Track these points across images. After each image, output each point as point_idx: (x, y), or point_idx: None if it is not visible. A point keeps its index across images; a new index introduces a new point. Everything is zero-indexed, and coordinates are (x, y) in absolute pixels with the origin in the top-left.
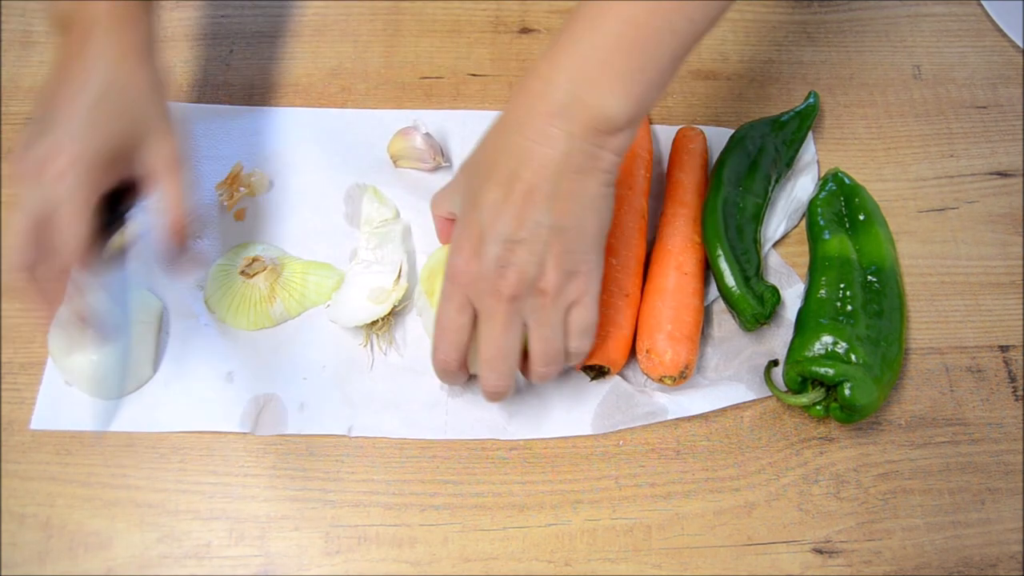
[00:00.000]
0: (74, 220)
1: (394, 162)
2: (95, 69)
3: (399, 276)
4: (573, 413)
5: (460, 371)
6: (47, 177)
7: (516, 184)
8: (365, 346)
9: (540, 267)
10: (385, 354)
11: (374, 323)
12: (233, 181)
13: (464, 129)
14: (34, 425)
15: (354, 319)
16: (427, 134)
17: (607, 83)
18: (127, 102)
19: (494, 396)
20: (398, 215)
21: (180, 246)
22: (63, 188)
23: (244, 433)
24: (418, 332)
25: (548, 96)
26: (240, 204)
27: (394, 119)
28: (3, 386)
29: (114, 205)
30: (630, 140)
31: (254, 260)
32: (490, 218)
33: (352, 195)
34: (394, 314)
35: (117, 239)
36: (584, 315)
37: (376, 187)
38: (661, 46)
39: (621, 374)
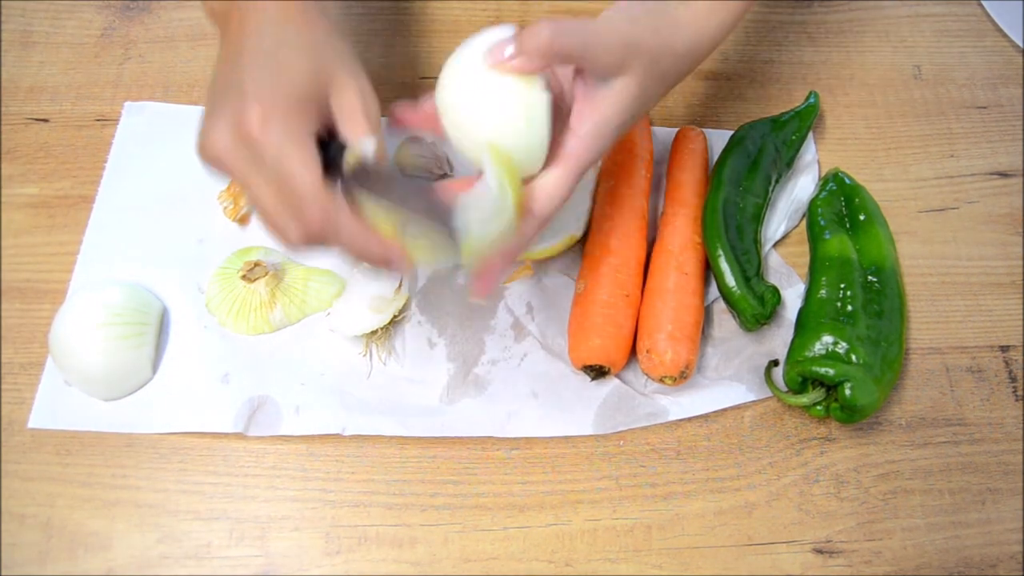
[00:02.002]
0: (302, 167)
1: (401, 171)
2: (262, 32)
3: (400, 286)
4: (574, 414)
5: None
6: (250, 139)
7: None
8: (365, 355)
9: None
10: (384, 364)
11: (374, 332)
12: (237, 191)
13: None
14: (32, 424)
15: (354, 328)
16: (433, 142)
17: None
18: (304, 49)
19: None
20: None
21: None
22: (271, 143)
23: (243, 434)
24: (418, 342)
25: None
26: (244, 210)
27: None
28: (3, 386)
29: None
30: None
31: (256, 265)
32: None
33: None
34: (394, 323)
35: (350, 156)
36: None
37: None
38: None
39: (621, 374)
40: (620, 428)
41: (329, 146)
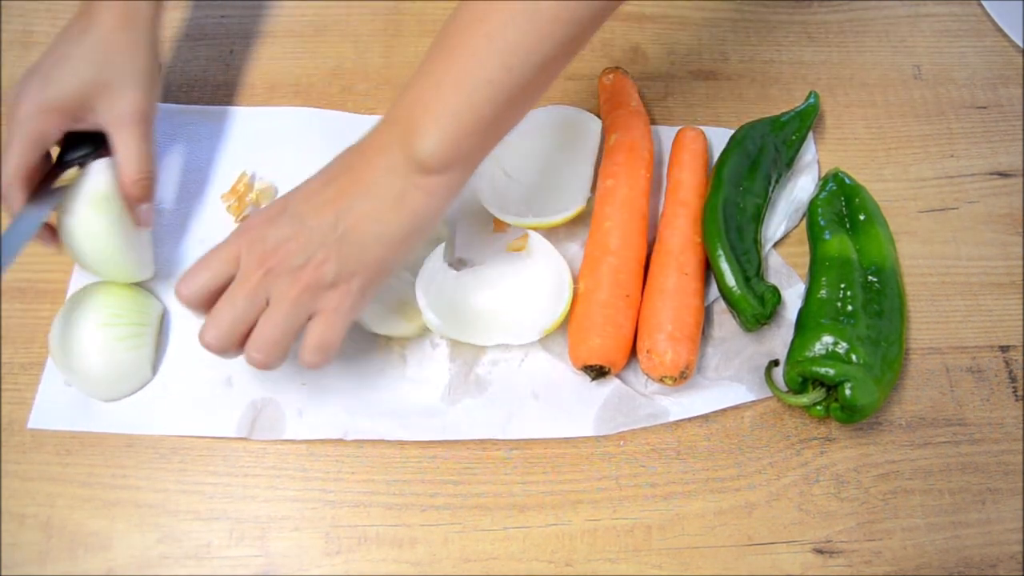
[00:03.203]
0: (14, 153)
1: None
2: (79, 29)
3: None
4: (574, 415)
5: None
6: (16, 116)
7: (328, 191)
8: (382, 353)
9: (308, 260)
10: (405, 366)
11: (393, 336)
12: (240, 192)
13: None
14: (32, 424)
15: (383, 328)
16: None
17: (424, 123)
18: (96, 56)
19: (209, 346)
20: None
21: (136, 199)
22: (19, 126)
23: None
24: (419, 342)
25: (385, 128)
26: (247, 210)
27: None
28: (3, 386)
29: (73, 150)
30: (453, 185)
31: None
32: (297, 198)
33: None
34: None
35: (66, 176)
36: (323, 330)
37: None
38: (477, 93)
39: (622, 374)
40: (620, 429)
41: (78, 142)
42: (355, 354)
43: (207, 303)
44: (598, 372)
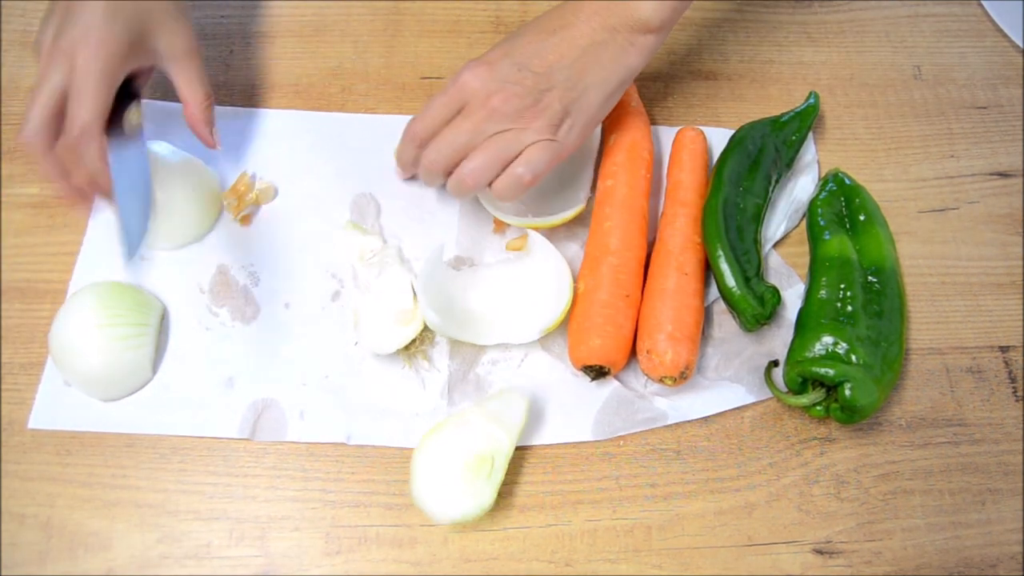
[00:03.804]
0: (93, 98)
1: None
2: None
3: (415, 294)
4: (573, 419)
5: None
6: (75, 62)
7: (551, 40)
8: (409, 368)
9: (535, 101)
10: (427, 371)
11: (411, 344)
12: (241, 191)
13: None
14: (32, 424)
15: (389, 345)
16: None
17: None
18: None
19: (427, 176)
20: (384, 240)
21: (204, 122)
22: (89, 71)
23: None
24: (423, 349)
25: None
26: (247, 210)
27: (399, 124)
28: (3, 386)
29: (127, 87)
30: (658, 45)
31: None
32: (518, 47)
33: (359, 204)
34: (426, 330)
35: (133, 116)
36: (538, 153)
37: (355, 221)
38: None
39: (621, 375)
40: (619, 433)
41: (131, 81)
42: (355, 354)
43: (431, 137)
44: (598, 372)
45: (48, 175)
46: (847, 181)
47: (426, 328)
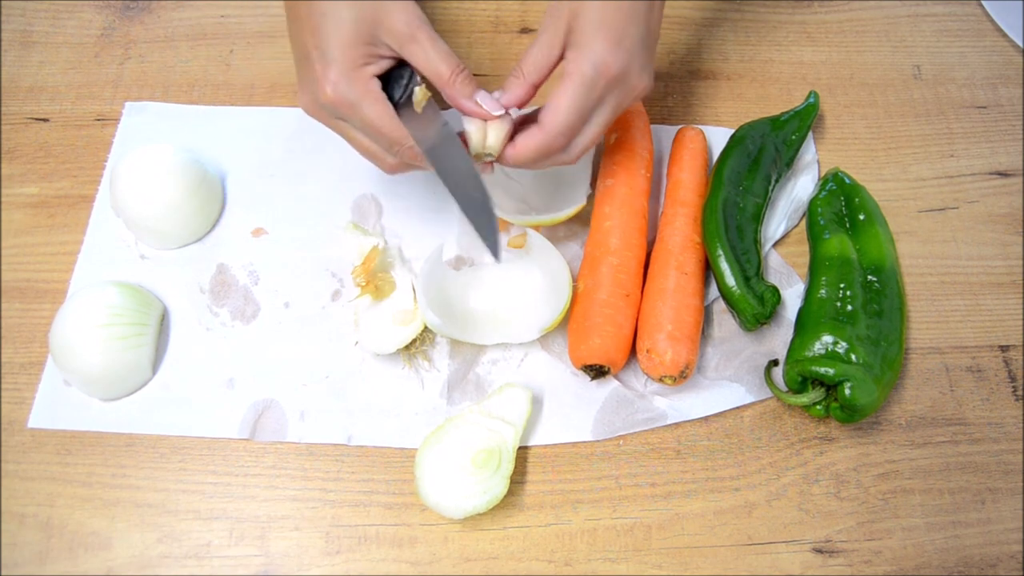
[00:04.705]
0: (373, 110)
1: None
2: None
3: (415, 294)
4: (573, 418)
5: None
6: (328, 103)
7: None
8: (409, 368)
9: (639, 76)
10: (427, 371)
11: (411, 344)
12: (370, 269)
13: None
14: (32, 423)
15: (388, 345)
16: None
17: None
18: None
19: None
20: (385, 241)
21: (463, 94)
22: (344, 97)
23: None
24: (423, 349)
25: None
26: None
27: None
28: (3, 386)
29: (397, 75)
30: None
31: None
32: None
33: (360, 205)
34: (426, 331)
35: (419, 95)
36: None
37: (355, 222)
38: None
39: (621, 375)
40: (619, 433)
41: (390, 75)
42: (355, 354)
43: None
44: (598, 372)
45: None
46: (847, 181)
47: (426, 328)
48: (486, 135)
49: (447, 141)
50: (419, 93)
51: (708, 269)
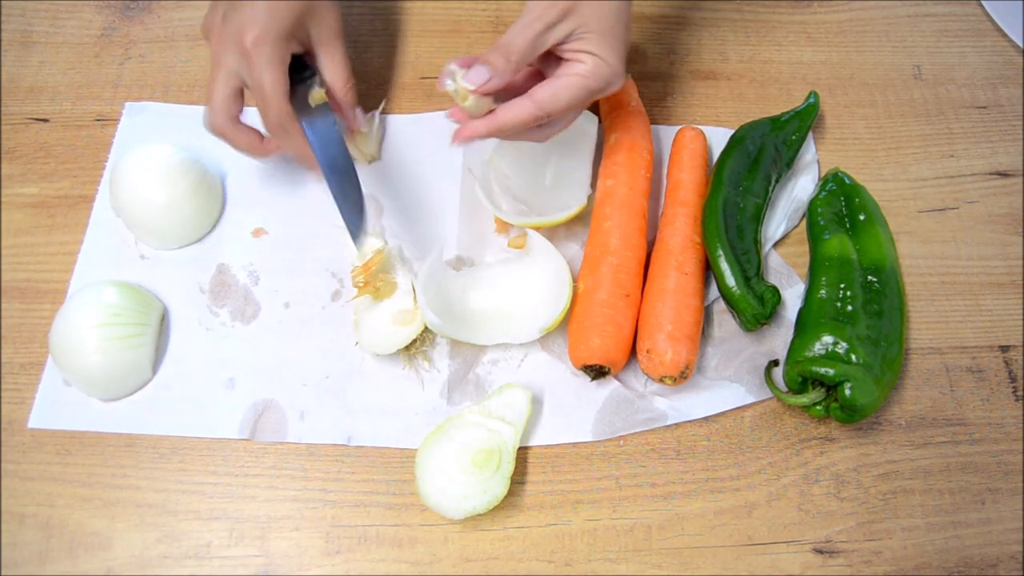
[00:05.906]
0: (275, 79)
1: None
2: None
3: (415, 295)
4: (573, 419)
5: None
6: (245, 45)
7: None
8: (409, 369)
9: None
10: (427, 371)
11: (411, 345)
12: (372, 271)
13: None
14: (32, 423)
15: (388, 346)
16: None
17: None
18: None
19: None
20: (385, 240)
21: (349, 104)
22: (261, 55)
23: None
24: (423, 349)
25: None
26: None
27: (399, 124)
28: (3, 386)
29: (300, 69)
30: None
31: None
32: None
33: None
34: (426, 331)
35: (316, 94)
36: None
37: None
38: None
39: (621, 375)
40: (619, 433)
41: (298, 68)
42: (355, 354)
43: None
44: (598, 372)
45: (245, 149)
46: (847, 181)
47: (426, 328)
48: (467, 96)
49: (328, 128)
50: (317, 92)
51: (708, 269)
